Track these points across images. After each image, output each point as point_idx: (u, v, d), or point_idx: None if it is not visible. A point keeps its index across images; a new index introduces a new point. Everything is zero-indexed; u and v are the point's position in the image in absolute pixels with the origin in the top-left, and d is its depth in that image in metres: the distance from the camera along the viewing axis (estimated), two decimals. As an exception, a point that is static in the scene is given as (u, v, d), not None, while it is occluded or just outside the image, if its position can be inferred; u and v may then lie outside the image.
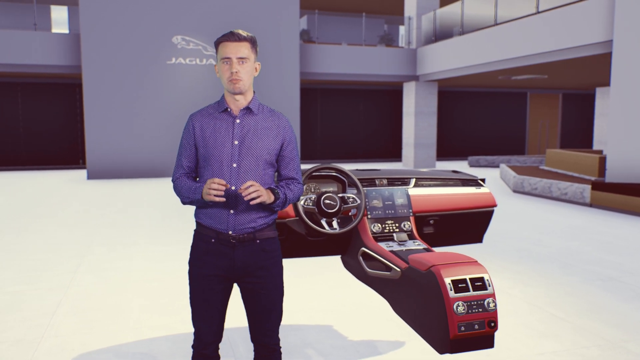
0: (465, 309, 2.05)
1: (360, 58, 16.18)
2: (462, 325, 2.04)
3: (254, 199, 2.01)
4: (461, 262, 2.18)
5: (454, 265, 2.14)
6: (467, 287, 2.08)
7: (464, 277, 2.09)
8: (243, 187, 1.98)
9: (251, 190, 1.98)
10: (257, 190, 1.99)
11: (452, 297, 2.04)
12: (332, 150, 18.97)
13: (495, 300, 2.10)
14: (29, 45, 13.58)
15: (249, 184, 1.99)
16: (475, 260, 2.21)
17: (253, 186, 1.98)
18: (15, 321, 3.73)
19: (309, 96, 18.64)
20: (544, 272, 5.00)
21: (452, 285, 2.07)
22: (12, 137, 15.91)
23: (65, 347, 3.28)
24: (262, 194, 2.02)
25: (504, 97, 21.00)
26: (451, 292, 2.05)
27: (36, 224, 7.38)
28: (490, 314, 2.08)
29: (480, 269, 2.16)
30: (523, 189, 10.70)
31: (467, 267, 2.14)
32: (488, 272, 2.19)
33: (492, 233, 6.81)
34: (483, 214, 3.04)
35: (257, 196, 2.00)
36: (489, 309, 2.08)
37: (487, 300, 2.08)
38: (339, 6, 20.23)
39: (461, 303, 2.04)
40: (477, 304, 2.07)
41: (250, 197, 1.99)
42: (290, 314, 3.89)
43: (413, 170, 3.09)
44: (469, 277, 2.10)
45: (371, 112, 19.44)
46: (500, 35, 12.49)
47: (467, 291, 2.07)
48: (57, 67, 13.82)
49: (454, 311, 2.03)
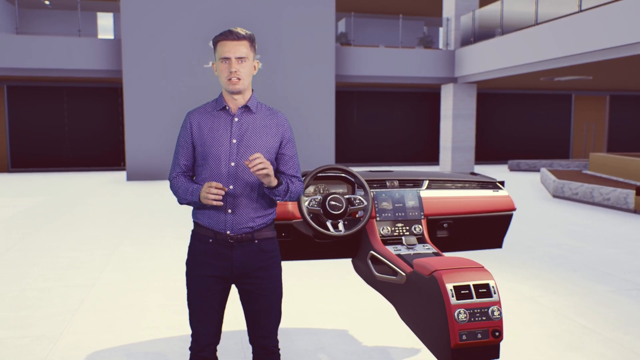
0: (468, 316, 1.94)
1: (397, 60, 16.01)
2: (464, 333, 1.93)
3: (260, 170, 1.92)
4: (466, 267, 2.07)
5: (458, 270, 2.04)
6: (470, 293, 1.98)
7: (467, 283, 1.99)
8: (250, 158, 1.92)
9: (258, 162, 1.92)
10: (263, 162, 1.93)
11: (454, 304, 1.94)
12: (368, 153, 18.84)
13: (501, 309, 1.99)
14: (73, 51, 14.07)
15: (256, 155, 1.92)
16: (482, 266, 2.10)
17: (259, 158, 1.92)
18: (40, 317, 3.82)
19: (345, 99, 18.58)
20: (577, 280, 4.78)
21: (454, 291, 1.97)
22: (57, 140, 16.51)
23: (81, 345, 3.34)
24: (269, 168, 1.96)
25: (546, 99, 20.36)
26: (453, 298, 1.95)
27: (72, 223, 7.60)
28: (495, 323, 1.97)
29: (486, 275, 2.05)
30: (563, 193, 10.31)
31: (472, 272, 2.04)
32: (494, 279, 2.07)
33: (526, 239, 6.57)
34: (501, 218, 2.91)
35: (263, 167, 1.94)
36: (494, 318, 1.97)
37: (492, 308, 1.97)
38: (378, 9, 20.11)
39: (463, 310, 1.94)
40: (481, 312, 1.96)
41: (257, 168, 1.92)
42: (305, 317, 3.84)
43: (427, 172, 2.99)
44: (473, 283, 2.00)
45: (408, 115, 19.20)
46: (542, 34, 12.10)
47: (470, 298, 1.97)
48: (100, 71, 14.26)
49: (455, 319, 1.93)
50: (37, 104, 16.27)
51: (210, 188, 1.96)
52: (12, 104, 16.03)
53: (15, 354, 3.19)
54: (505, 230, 3.00)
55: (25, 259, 5.50)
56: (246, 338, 3.43)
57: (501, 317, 1.98)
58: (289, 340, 3.43)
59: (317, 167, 15.16)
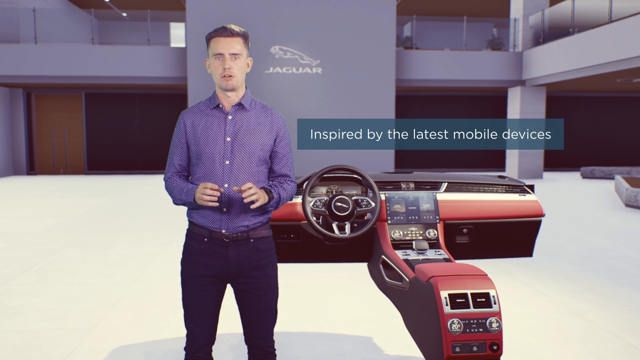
0: (462, 327, 1.81)
1: (462, 63, 15.57)
2: (458, 345, 1.80)
3: (252, 202, 1.96)
4: (466, 274, 1.93)
5: (457, 277, 1.91)
6: (467, 302, 1.84)
7: (464, 291, 1.85)
8: (243, 188, 1.94)
9: (251, 193, 1.93)
10: (256, 194, 1.95)
11: (447, 313, 1.81)
12: (432, 159, 18.42)
13: (501, 320, 1.83)
14: (144, 59, 14.77)
15: (248, 185, 1.94)
16: (485, 274, 1.95)
17: (252, 189, 1.93)
18: (78, 310, 3.99)
19: (407, 103, 18.29)
20: (635, 296, 4.39)
21: (448, 299, 1.84)
22: (129, 144, 17.36)
23: (110, 339, 3.44)
24: (261, 197, 1.97)
25: (623, 102, 19.04)
26: (447, 307, 1.82)
27: (130, 223, 7.93)
28: (493, 336, 1.81)
29: (487, 284, 1.90)
30: (637, 203, 9.57)
31: (472, 280, 1.90)
32: (495, 288, 1.91)
33: (584, 249, 6.13)
34: (527, 224, 2.71)
35: (256, 199, 1.95)
36: (492, 330, 1.81)
37: (490, 320, 1.82)
38: (444, 11, 19.69)
39: (457, 320, 1.80)
40: (477, 323, 1.82)
41: (250, 199, 1.94)
42: (332, 322, 3.76)
43: (448, 174, 2.84)
44: (471, 291, 1.85)
45: (473, 119, 18.59)
46: (617, 32, 11.33)
47: (467, 307, 1.83)
48: (167, 78, 14.88)
49: (448, 329, 1.80)
50: (111, 110, 17.20)
51: (206, 189, 1.95)
52: (89, 110, 17.04)
53: (46, 345, 3.34)
54: (534, 238, 2.79)
55: (79, 256, 5.78)
56: (242, 338, 3.41)
57: (500, 329, 1.82)
58: (310, 345, 3.37)
59: (374, 172, 14.95)
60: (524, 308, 4.06)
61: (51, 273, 5.03)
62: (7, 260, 5.52)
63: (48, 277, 4.91)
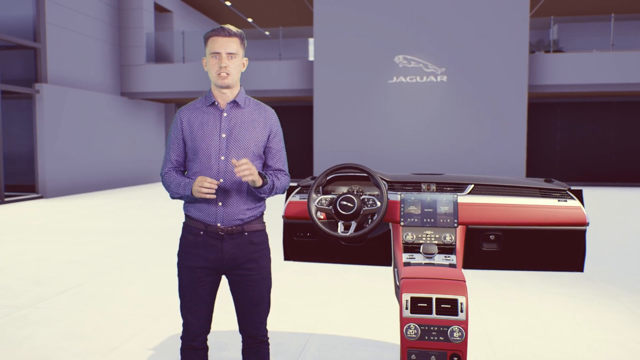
0: (419, 333, 1.66)
1: (609, 65, 14.06)
2: (414, 353, 1.66)
3: (245, 176, 2.01)
4: (439, 278, 1.78)
5: (426, 280, 1.77)
6: (430, 307, 1.69)
7: (428, 295, 1.71)
8: (237, 163, 2.00)
9: (244, 168, 1.99)
10: (249, 169, 2.00)
11: (405, 317, 1.69)
12: (574, 171, 16.82)
13: (465, 330, 1.65)
14: (277, 73, 15.66)
15: (244, 161, 2.00)
16: (462, 280, 1.78)
17: (246, 164, 2.00)
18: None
19: (546, 111, 16.94)
20: None
21: (409, 302, 1.71)
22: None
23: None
24: (254, 173, 2.03)
25: None
26: (406, 310, 1.70)
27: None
28: (455, 346, 1.64)
29: (458, 289, 1.72)
30: None
31: (442, 285, 1.74)
32: (466, 295, 1.74)
33: None
34: (567, 234, 2.40)
35: (249, 174, 2.01)
36: (453, 340, 1.64)
37: (453, 328, 1.65)
38: (591, 10, 17.98)
39: (414, 325, 1.67)
40: (438, 331, 1.66)
41: (243, 173, 2.00)
42: (374, 329, 3.66)
43: (481, 176, 2.63)
44: (437, 296, 1.70)
45: (626, 128, 16.62)
46: None
47: (428, 313, 1.69)
48: (295, 90, 15.59)
49: (404, 334, 1.67)
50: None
51: (204, 182, 2.05)
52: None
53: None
54: (581, 250, 2.46)
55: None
56: (236, 328, 3.50)
57: (464, 339, 1.64)
58: (351, 350, 3.32)
59: (500, 177, 14.08)
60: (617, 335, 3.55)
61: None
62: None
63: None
